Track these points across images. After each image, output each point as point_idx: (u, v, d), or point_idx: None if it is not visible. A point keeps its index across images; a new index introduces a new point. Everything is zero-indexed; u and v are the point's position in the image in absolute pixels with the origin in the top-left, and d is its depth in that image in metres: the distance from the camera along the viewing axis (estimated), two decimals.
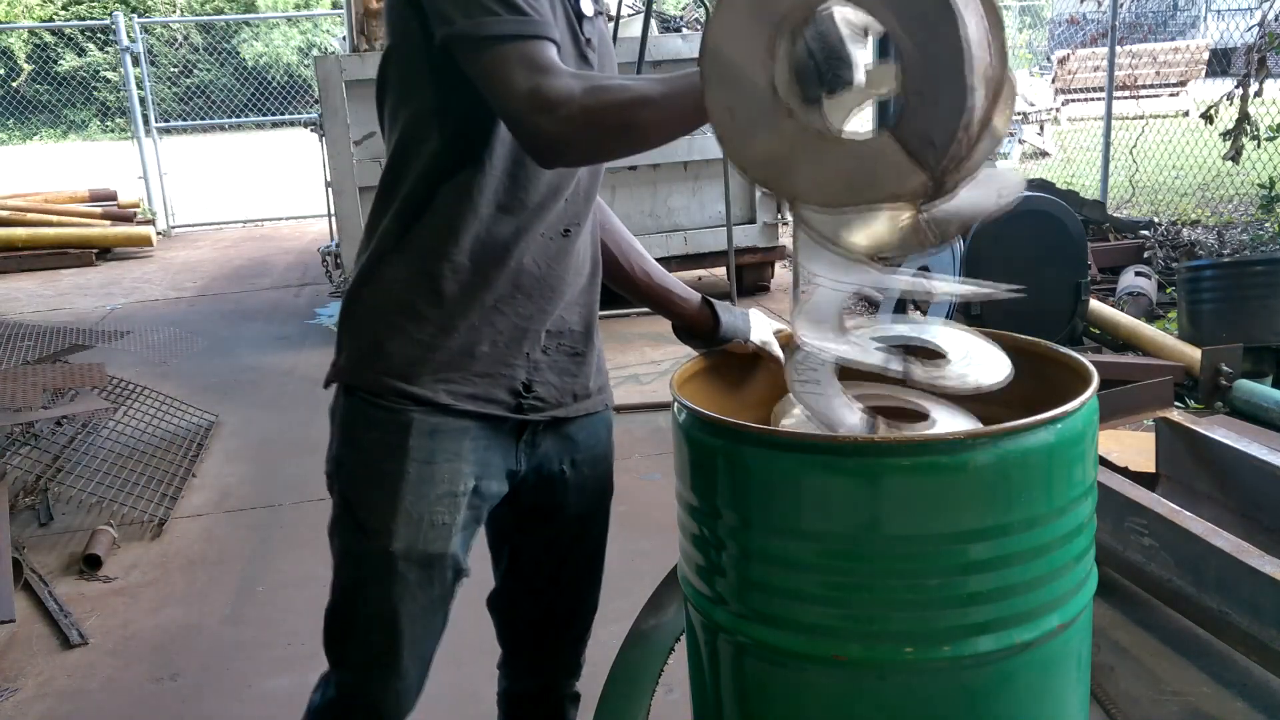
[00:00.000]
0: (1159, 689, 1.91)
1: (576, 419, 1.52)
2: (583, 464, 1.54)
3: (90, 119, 23.16)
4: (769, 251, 6.43)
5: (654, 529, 3.30)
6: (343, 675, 1.45)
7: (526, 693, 1.70)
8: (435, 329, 1.35)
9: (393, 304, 1.37)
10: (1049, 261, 4.69)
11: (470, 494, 1.39)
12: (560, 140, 1.17)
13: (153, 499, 3.69)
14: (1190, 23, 15.25)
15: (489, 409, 1.39)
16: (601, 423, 1.58)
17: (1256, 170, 6.88)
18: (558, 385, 1.46)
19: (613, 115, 1.16)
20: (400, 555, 1.36)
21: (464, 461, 1.38)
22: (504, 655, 1.70)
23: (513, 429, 1.44)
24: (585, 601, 1.65)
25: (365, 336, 1.39)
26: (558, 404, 1.47)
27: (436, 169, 1.33)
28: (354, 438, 1.39)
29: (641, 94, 1.15)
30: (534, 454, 1.48)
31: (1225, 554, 1.94)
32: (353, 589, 1.41)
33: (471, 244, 1.33)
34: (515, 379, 1.40)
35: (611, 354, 5.37)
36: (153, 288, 7.97)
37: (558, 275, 1.41)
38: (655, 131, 1.16)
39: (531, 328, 1.41)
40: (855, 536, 1.05)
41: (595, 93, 1.15)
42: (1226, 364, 3.77)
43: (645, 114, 1.15)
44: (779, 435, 1.09)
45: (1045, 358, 1.29)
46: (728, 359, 1.51)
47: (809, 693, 1.12)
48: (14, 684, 2.68)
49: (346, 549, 1.41)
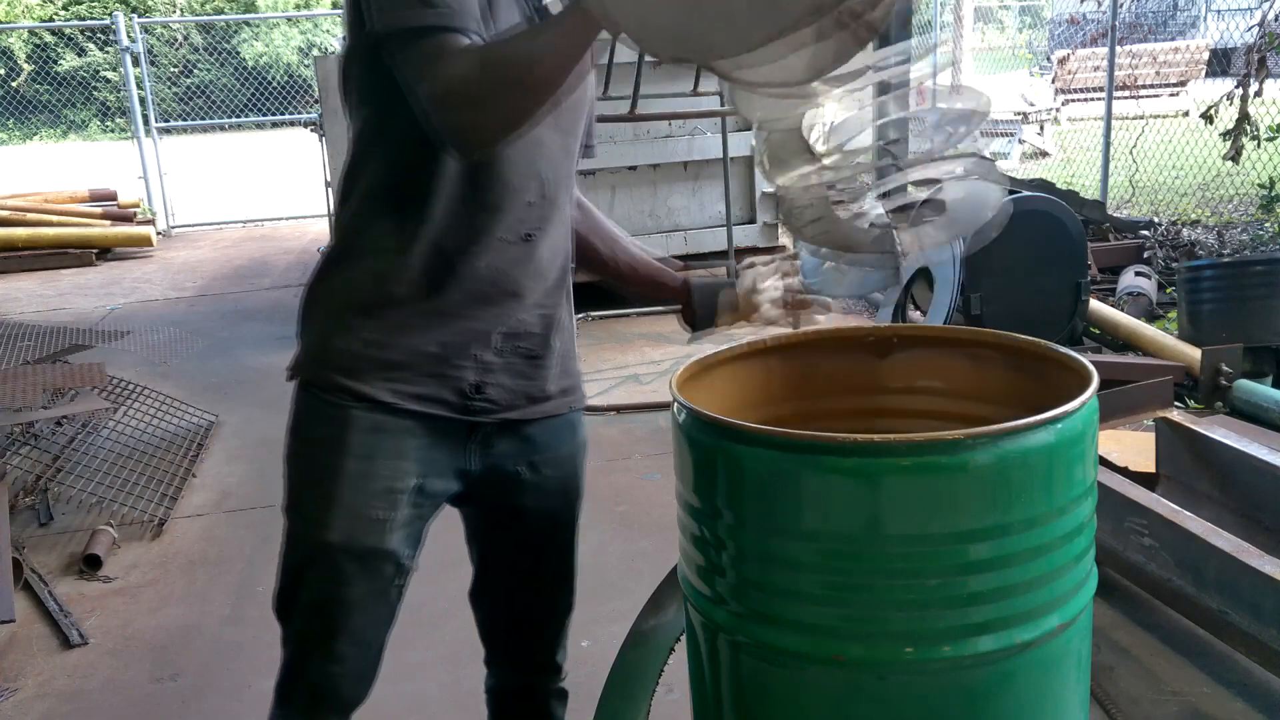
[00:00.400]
0: (1159, 689, 1.91)
1: (535, 421, 1.51)
2: (543, 466, 1.54)
3: (90, 119, 23.16)
4: (769, 251, 6.43)
5: (654, 529, 3.31)
6: (287, 650, 1.49)
7: (511, 689, 1.72)
8: (383, 329, 1.37)
9: (343, 302, 1.40)
10: (1049, 261, 4.69)
11: (412, 492, 1.41)
12: (460, 128, 1.19)
13: (153, 499, 3.69)
14: (1190, 23, 15.25)
15: (434, 409, 1.40)
16: (565, 425, 1.56)
17: (1256, 170, 6.88)
18: (511, 388, 1.46)
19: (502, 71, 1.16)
20: (337, 547, 1.39)
21: (406, 459, 1.40)
22: (486, 652, 1.71)
23: (461, 429, 1.44)
24: (558, 604, 1.66)
25: (317, 333, 1.42)
26: (511, 406, 1.47)
27: (390, 171, 1.34)
28: (301, 431, 1.43)
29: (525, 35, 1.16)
30: (488, 454, 1.48)
31: (1225, 554, 1.94)
32: (295, 573, 1.44)
33: (422, 247, 1.34)
34: (464, 380, 1.41)
35: (611, 354, 5.38)
36: (153, 288, 7.97)
37: (516, 280, 1.41)
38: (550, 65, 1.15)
39: (484, 331, 1.41)
40: (855, 536, 1.05)
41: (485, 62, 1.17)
42: (1226, 364, 3.76)
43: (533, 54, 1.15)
44: (779, 435, 1.09)
45: (1045, 358, 1.29)
46: (728, 359, 1.51)
47: (809, 693, 1.12)
48: (14, 684, 2.68)
49: (291, 535, 1.45)
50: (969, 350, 1.37)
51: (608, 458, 4.01)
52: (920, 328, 1.57)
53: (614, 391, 4.82)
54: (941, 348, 1.39)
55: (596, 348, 5.39)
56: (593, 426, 4.92)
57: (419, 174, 1.32)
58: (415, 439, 1.40)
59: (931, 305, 4.53)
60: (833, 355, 1.44)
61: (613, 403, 4.64)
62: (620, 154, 6.05)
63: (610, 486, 3.73)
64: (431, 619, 2.55)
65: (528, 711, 1.71)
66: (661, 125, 6.04)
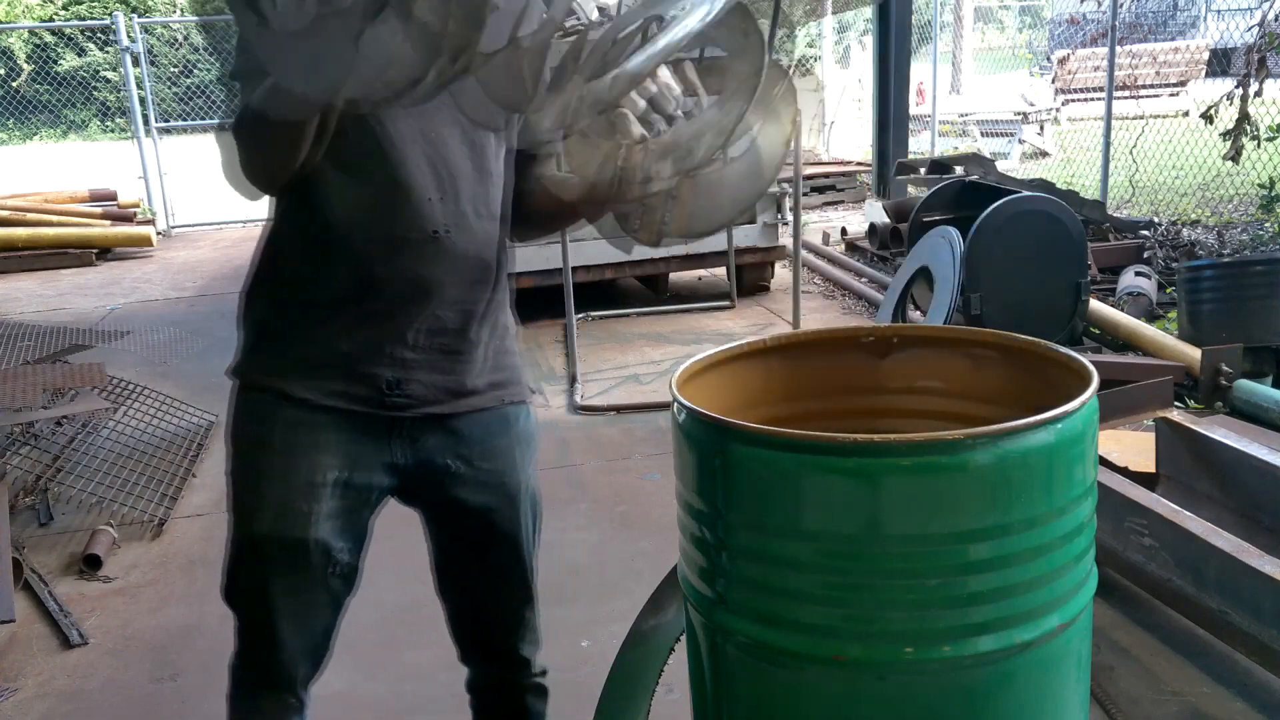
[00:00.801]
0: (1159, 689, 1.91)
1: (463, 414, 1.54)
2: (476, 459, 1.56)
3: (90, 119, 23.16)
4: (769, 251, 6.43)
5: (654, 529, 3.31)
6: (236, 634, 1.59)
7: (486, 685, 1.75)
8: (300, 330, 1.44)
9: (262, 306, 1.50)
10: (1049, 261, 4.70)
11: (335, 485, 1.47)
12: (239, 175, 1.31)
13: (153, 499, 3.69)
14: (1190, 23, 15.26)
15: (352, 405, 1.46)
16: (498, 419, 1.58)
17: (1256, 170, 6.88)
18: (432, 383, 1.49)
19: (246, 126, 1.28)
20: (264, 538, 1.48)
21: (327, 454, 1.47)
22: (456, 648, 1.75)
23: (383, 424, 1.49)
24: (508, 597, 1.67)
25: (245, 334, 1.51)
26: (433, 401, 1.50)
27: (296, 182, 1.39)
28: (233, 428, 1.52)
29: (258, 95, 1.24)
30: (416, 448, 1.52)
31: (1225, 554, 1.94)
32: (233, 562, 1.54)
33: (313, 252, 1.40)
34: (380, 377, 1.46)
35: (611, 354, 5.39)
36: (153, 288, 7.96)
37: (429, 278, 1.43)
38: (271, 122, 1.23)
39: (395, 329, 1.44)
40: (855, 536, 1.05)
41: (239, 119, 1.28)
42: (1226, 364, 3.77)
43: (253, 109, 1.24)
44: (779, 435, 1.09)
45: (1045, 358, 1.29)
46: (728, 359, 1.51)
47: (809, 693, 1.12)
48: (14, 684, 2.68)
49: (231, 527, 1.53)
50: (969, 350, 1.36)
51: (608, 458, 4.01)
52: (920, 328, 1.57)
53: (614, 391, 4.82)
54: (941, 348, 1.39)
55: (596, 348, 5.40)
56: (593, 426, 4.95)
57: (305, 185, 1.37)
58: (335, 434, 1.47)
59: (931, 305, 4.52)
60: (833, 355, 1.44)
61: (613, 403, 4.64)
62: None
63: (610, 486, 3.74)
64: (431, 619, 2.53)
65: (504, 706, 1.74)
66: None
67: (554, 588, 3.18)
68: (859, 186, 9.91)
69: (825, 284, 6.78)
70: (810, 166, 9.98)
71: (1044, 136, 11.71)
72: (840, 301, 6.38)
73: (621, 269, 6.18)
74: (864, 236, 7.50)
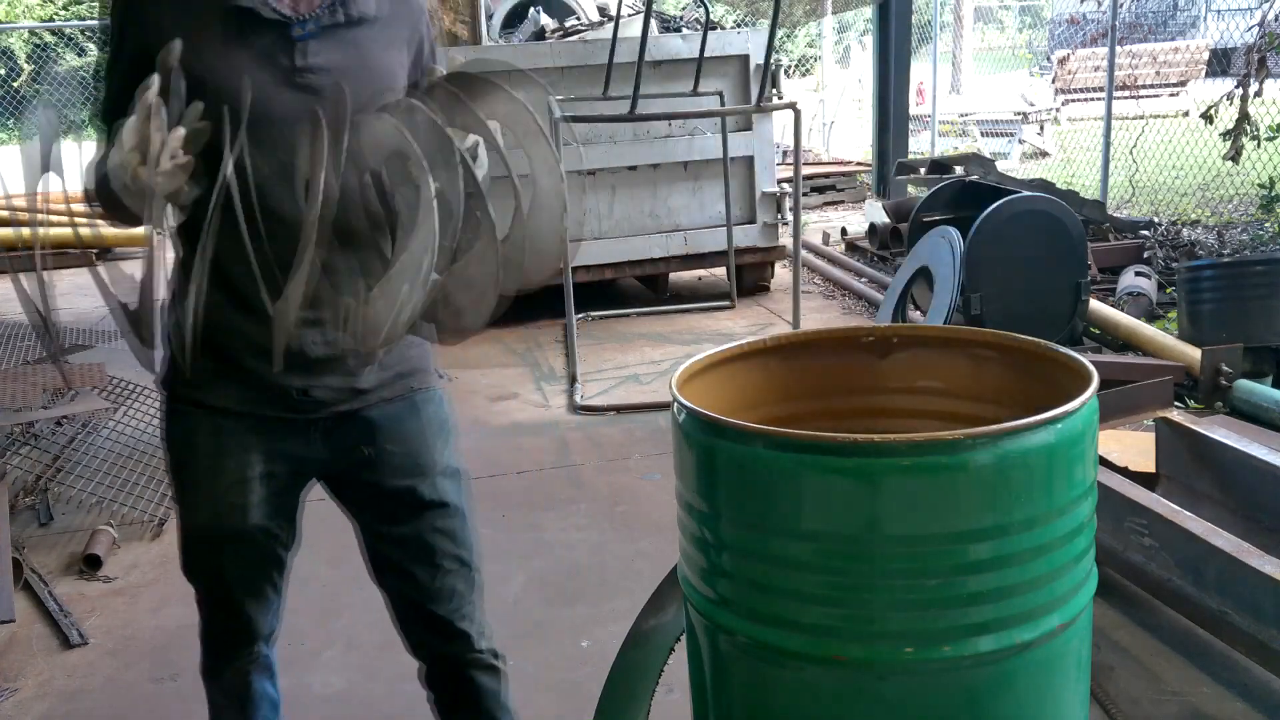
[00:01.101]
0: (1159, 689, 1.91)
1: (372, 405, 1.62)
2: (387, 443, 1.64)
3: (90, 119, 23.17)
4: (769, 251, 6.43)
5: (654, 529, 3.31)
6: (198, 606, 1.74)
7: (433, 668, 1.78)
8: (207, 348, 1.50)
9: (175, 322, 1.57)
10: (1049, 261, 4.70)
11: (263, 477, 1.59)
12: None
13: (153, 499, 3.69)
14: (1190, 23, 15.26)
15: (270, 410, 1.58)
16: (406, 406, 1.66)
17: (1256, 170, 6.88)
18: (337, 386, 1.59)
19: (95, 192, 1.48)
20: (207, 531, 1.64)
21: (251, 452, 1.59)
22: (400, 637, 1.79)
23: (301, 424, 1.59)
24: (436, 571, 1.70)
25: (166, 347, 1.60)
26: (341, 401, 1.60)
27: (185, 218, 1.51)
28: (165, 432, 1.65)
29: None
30: (331, 441, 1.62)
31: (1225, 554, 1.94)
32: (184, 548, 1.69)
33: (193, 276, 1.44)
34: (290, 387, 1.55)
35: (611, 354, 5.39)
36: None
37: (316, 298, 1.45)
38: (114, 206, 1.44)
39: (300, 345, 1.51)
40: (855, 536, 1.05)
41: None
42: (1226, 364, 3.77)
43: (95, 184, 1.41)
44: (779, 435, 1.09)
45: (1045, 358, 1.29)
46: (728, 359, 1.51)
47: (809, 693, 1.12)
48: (14, 684, 2.68)
49: (177, 515, 1.68)
50: (969, 350, 1.37)
51: (608, 458, 4.01)
52: (920, 328, 1.57)
53: (614, 391, 4.83)
54: (941, 348, 1.39)
55: (596, 348, 5.40)
56: (593, 426, 4.95)
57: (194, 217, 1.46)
58: (257, 435, 1.59)
59: (931, 305, 4.52)
60: (833, 355, 1.44)
61: (613, 403, 4.64)
62: (620, 154, 6.05)
63: (610, 486, 3.74)
64: None
65: (452, 687, 1.77)
66: (661, 125, 6.04)
67: (554, 588, 3.20)
68: (859, 186, 9.91)
69: (825, 284, 6.78)
70: (810, 166, 9.99)
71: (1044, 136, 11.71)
72: (840, 301, 6.39)
73: (621, 269, 6.19)
74: (864, 236, 7.50)
